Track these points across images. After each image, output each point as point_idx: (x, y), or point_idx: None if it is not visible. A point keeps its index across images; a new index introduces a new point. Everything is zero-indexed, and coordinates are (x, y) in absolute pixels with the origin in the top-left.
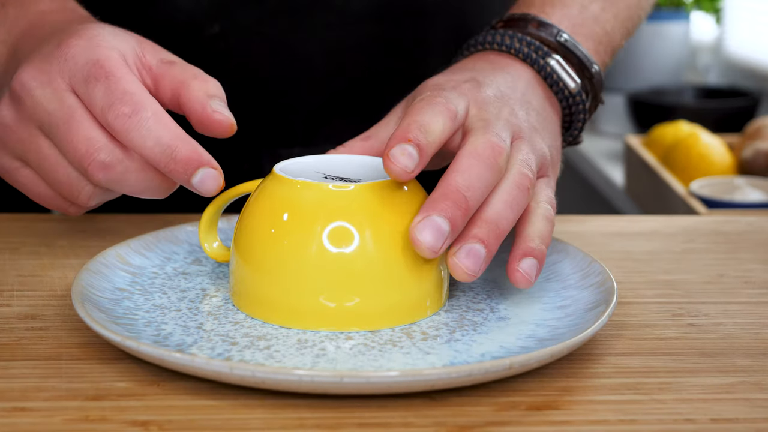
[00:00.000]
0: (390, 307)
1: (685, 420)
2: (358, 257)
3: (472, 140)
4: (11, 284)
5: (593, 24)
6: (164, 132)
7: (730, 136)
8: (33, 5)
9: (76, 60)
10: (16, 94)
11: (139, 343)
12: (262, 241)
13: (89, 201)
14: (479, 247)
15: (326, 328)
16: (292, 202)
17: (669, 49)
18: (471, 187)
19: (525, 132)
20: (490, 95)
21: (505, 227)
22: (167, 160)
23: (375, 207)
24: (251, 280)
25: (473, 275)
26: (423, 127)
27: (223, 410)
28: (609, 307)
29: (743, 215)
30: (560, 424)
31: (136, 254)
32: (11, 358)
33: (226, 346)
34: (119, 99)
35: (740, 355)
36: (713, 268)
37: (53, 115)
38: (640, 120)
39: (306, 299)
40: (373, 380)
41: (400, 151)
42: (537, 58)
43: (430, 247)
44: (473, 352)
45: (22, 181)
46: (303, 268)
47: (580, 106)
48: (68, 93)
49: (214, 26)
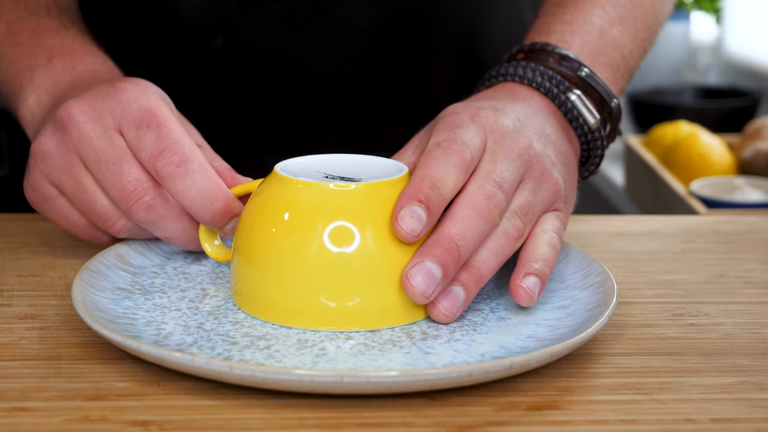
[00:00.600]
0: (390, 306)
1: (685, 420)
2: (358, 257)
3: (471, 189)
4: (11, 284)
5: (612, 51)
6: (207, 183)
7: (730, 136)
8: (81, 65)
9: (130, 104)
10: (62, 123)
11: (139, 343)
12: (263, 240)
13: (120, 233)
14: (459, 290)
15: (327, 328)
16: (293, 201)
17: (669, 49)
18: (464, 237)
19: (536, 169)
20: (508, 125)
21: (486, 274)
22: (205, 211)
23: (376, 206)
24: (252, 279)
25: (450, 317)
26: (435, 184)
27: (223, 410)
28: (609, 307)
29: (743, 215)
30: (560, 424)
31: (136, 254)
32: (11, 358)
33: (226, 346)
34: (169, 148)
35: (740, 355)
36: (713, 268)
37: (101, 152)
38: (640, 120)
39: (306, 298)
40: (373, 380)
41: (408, 214)
42: (558, 93)
43: (422, 292)
44: (473, 352)
45: (58, 210)
46: (304, 267)
47: (598, 142)
48: (117, 134)
49: (218, 39)
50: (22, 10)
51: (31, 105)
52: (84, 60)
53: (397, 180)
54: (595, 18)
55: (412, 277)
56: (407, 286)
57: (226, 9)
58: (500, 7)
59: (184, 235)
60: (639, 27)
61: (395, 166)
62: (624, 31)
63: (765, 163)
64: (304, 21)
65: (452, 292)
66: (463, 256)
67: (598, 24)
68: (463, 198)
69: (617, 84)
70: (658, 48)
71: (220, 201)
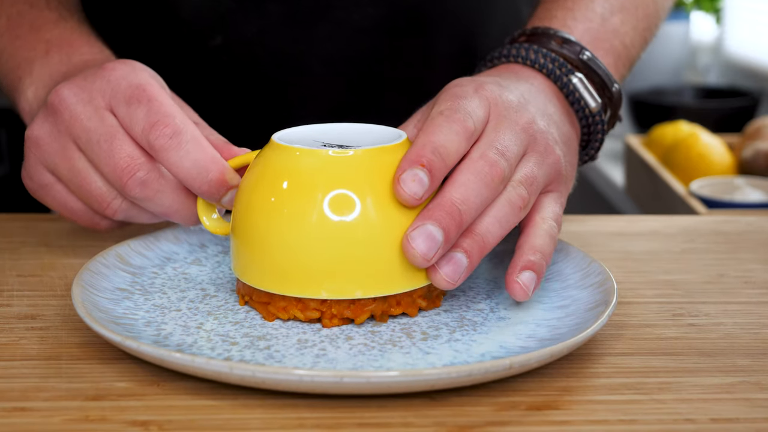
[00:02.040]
0: (391, 272)
1: (685, 420)
2: (359, 224)
3: (474, 155)
4: (11, 284)
5: (613, 38)
6: (201, 154)
7: (730, 136)
8: (78, 55)
9: (119, 82)
10: (53, 107)
11: (139, 343)
12: (263, 209)
13: (116, 214)
14: (461, 256)
15: (328, 294)
16: (291, 169)
17: (669, 49)
18: (466, 202)
19: (540, 144)
20: (512, 100)
21: (490, 242)
22: (201, 182)
23: (376, 172)
24: (252, 249)
25: (452, 283)
26: (437, 149)
27: (223, 410)
28: (609, 307)
29: (743, 215)
30: (560, 424)
31: (136, 254)
32: (11, 358)
33: (226, 346)
34: (161, 121)
35: (740, 355)
36: (713, 268)
37: (93, 131)
38: (640, 120)
39: (308, 265)
40: (373, 380)
41: (410, 177)
42: (560, 75)
43: (423, 255)
44: (473, 352)
45: (56, 196)
46: (304, 235)
47: (599, 126)
48: (107, 112)
49: (217, 38)
50: (22, 4)
51: (30, 97)
52: (81, 51)
53: (397, 146)
54: (596, 6)
55: (413, 240)
56: (408, 248)
57: (225, 8)
58: (499, 6)
59: (182, 209)
60: (640, 17)
61: (394, 133)
62: (625, 20)
63: (765, 163)
64: (303, 20)
65: (454, 259)
66: (465, 221)
67: (600, 12)
68: (465, 164)
69: (618, 71)
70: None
71: (215, 171)
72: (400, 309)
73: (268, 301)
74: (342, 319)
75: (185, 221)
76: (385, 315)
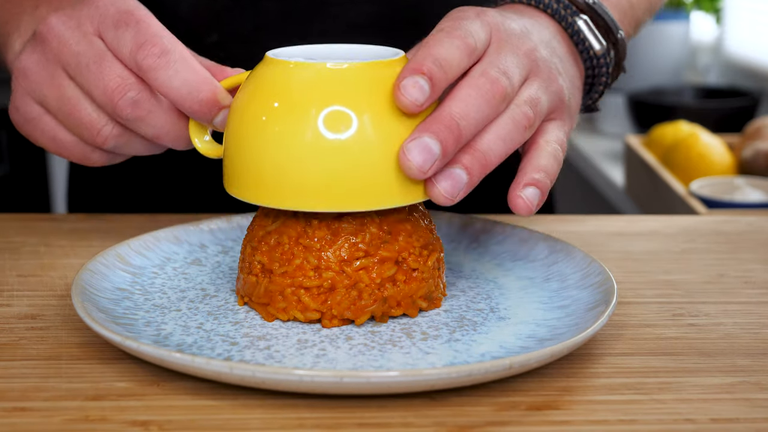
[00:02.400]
0: (388, 186)
1: (685, 420)
2: (356, 139)
3: (475, 72)
4: (11, 284)
5: None
6: (191, 74)
7: (730, 136)
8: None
9: (107, 7)
10: (41, 36)
11: (139, 343)
12: (256, 126)
13: (107, 142)
14: (460, 172)
15: (323, 207)
16: (286, 83)
17: (669, 49)
18: (465, 117)
19: (543, 71)
20: (515, 28)
21: (492, 160)
22: (191, 101)
23: (373, 86)
24: (246, 168)
25: (450, 199)
26: (438, 60)
27: (223, 410)
28: (609, 307)
29: (743, 215)
30: (560, 424)
31: (136, 254)
32: (11, 358)
33: (226, 346)
34: (149, 41)
35: (740, 355)
36: (713, 268)
37: (82, 55)
38: (640, 120)
39: (302, 182)
40: (373, 380)
41: (411, 83)
42: (565, 15)
43: (419, 167)
44: (473, 352)
45: (44, 128)
46: (298, 148)
47: (603, 69)
48: (96, 37)
49: (213, 35)
50: None
51: (17, 49)
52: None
53: (395, 61)
54: None
55: (408, 152)
56: (403, 160)
57: (221, 5)
58: None
59: (173, 131)
60: None
61: (391, 51)
62: None
63: (765, 163)
64: (299, 17)
65: (453, 174)
66: (464, 136)
67: None
68: (466, 80)
69: (623, 27)
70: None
71: (206, 91)
72: (401, 310)
73: (268, 302)
74: (342, 319)
75: (177, 144)
76: (386, 316)
